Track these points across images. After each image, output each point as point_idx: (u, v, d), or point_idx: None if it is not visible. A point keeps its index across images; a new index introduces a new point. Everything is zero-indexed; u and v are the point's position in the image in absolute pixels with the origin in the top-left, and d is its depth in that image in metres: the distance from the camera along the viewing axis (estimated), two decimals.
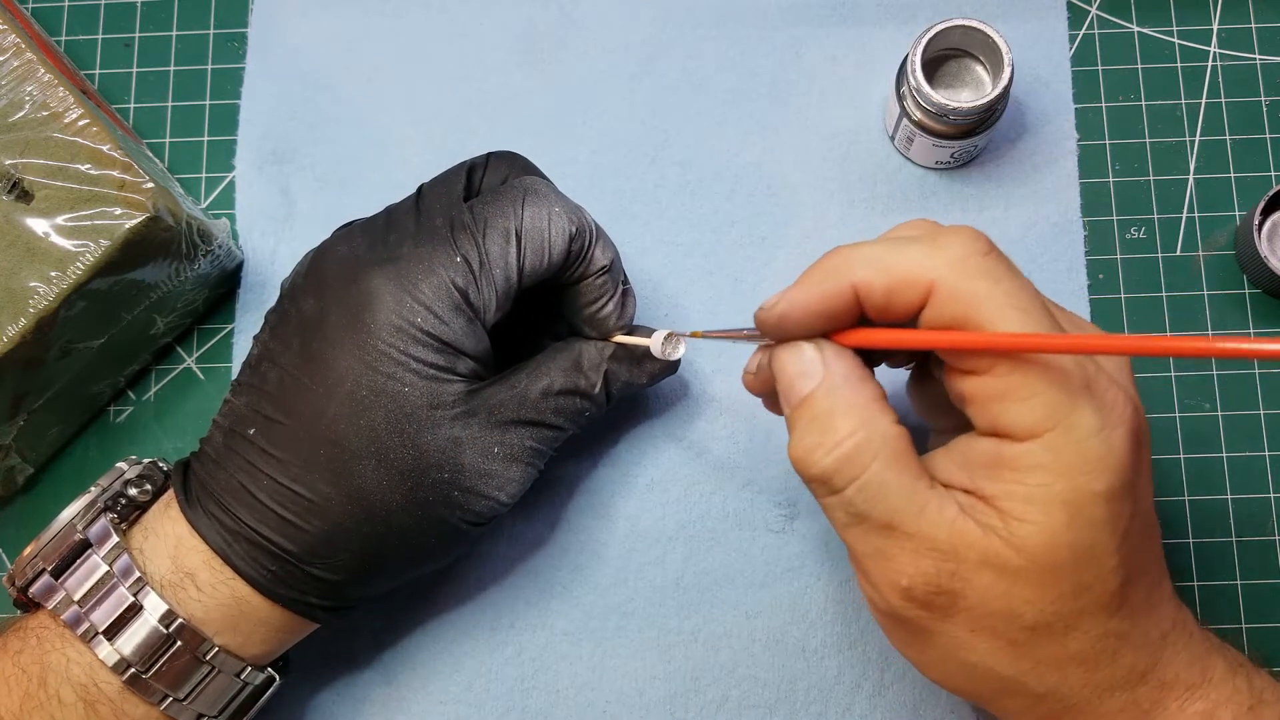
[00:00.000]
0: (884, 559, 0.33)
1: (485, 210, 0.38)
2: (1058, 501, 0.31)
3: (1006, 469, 0.31)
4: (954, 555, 0.32)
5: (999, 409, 0.31)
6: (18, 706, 0.36)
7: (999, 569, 0.31)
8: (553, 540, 0.46)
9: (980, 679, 0.34)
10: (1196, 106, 0.50)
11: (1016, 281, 0.32)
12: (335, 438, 0.36)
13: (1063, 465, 0.31)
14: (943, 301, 0.31)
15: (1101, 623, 0.32)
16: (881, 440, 0.32)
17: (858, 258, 0.33)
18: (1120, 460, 0.31)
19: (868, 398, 0.33)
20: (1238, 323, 0.48)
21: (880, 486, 0.32)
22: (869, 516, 0.32)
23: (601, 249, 0.40)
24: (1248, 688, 0.34)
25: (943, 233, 0.33)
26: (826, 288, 0.33)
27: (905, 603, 0.33)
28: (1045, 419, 0.31)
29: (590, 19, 0.51)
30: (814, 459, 0.33)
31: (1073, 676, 0.33)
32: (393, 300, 0.36)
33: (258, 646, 0.38)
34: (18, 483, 0.47)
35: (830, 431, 0.33)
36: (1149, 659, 0.33)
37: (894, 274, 0.32)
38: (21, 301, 0.41)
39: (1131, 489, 0.31)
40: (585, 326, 0.41)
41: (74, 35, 0.52)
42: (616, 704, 0.45)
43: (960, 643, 0.33)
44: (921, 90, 0.44)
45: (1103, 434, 0.30)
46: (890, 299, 0.32)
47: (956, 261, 0.31)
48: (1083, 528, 0.31)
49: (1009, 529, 0.31)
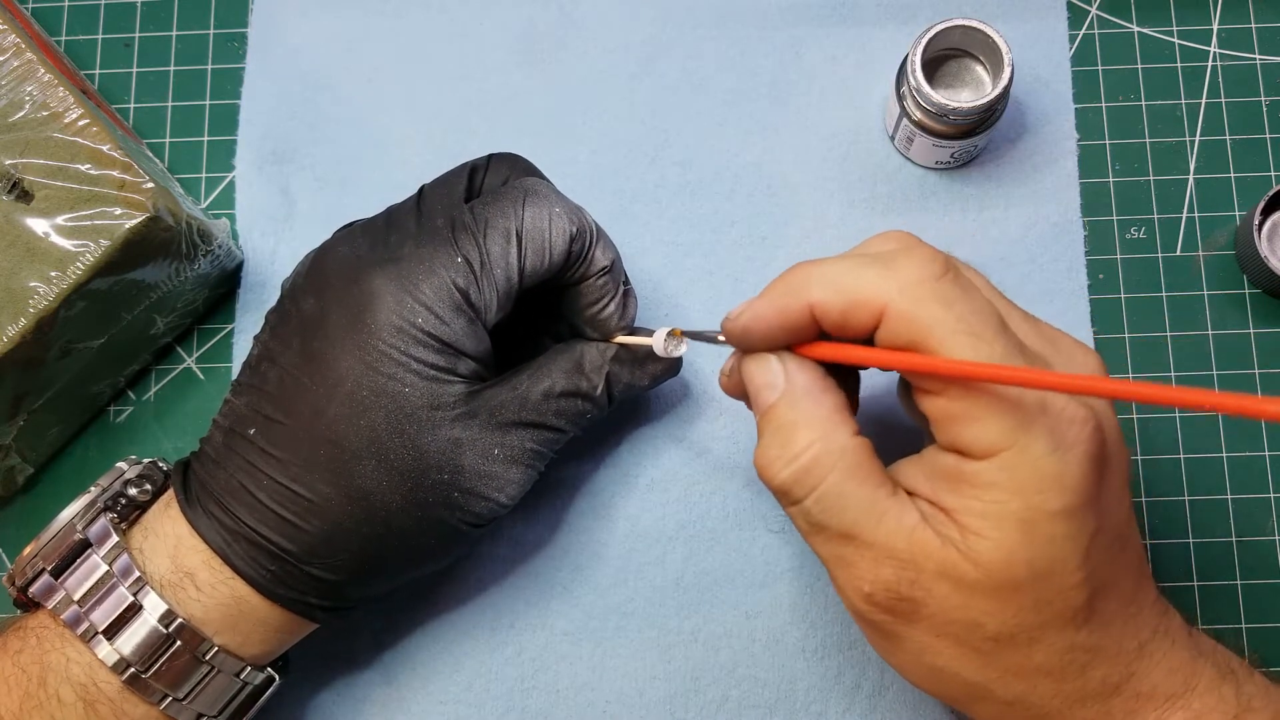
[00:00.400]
0: (845, 566, 0.34)
1: (486, 211, 0.38)
2: (1013, 519, 0.31)
3: (965, 484, 0.32)
4: (913, 565, 0.32)
5: (956, 429, 0.32)
6: (17, 706, 0.36)
7: (956, 581, 0.32)
8: (553, 540, 0.46)
9: (949, 683, 0.34)
10: (1196, 106, 0.50)
11: (970, 304, 0.32)
12: (335, 438, 0.36)
13: (1017, 484, 0.31)
14: (894, 325, 0.32)
15: (1067, 636, 0.33)
16: (840, 452, 0.33)
17: (815, 277, 0.33)
18: (1076, 479, 0.31)
19: (829, 409, 0.34)
20: (1238, 323, 0.48)
21: (838, 497, 0.33)
22: (827, 526, 0.33)
23: (602, 249, 0.40)
24: (1235, 696, 0.34)
25: (901, 254, 0.33)
26: (785, 304, 0.34)
27: (869, 607, 0.34)
28: (999, 440, 0.31)
29: (590, 19, 0.51)
30: (774, 470, 0.34)
31: (1041, 686, 0.33)
32: (393, 300, 0.36)
33: (257, 646, 0.38)
34: (18, 483, 0.47)
35: (790, 444, 0.33)
36: (1123, 670, 0.33)
37: (847, 295, 0.32)
38: (21, 301, 0.41)
39: (1092, 506, 0.32)
40: (587, 327, 0.41)
41: (74, 35, 0.52)
42: (616, 704, 0.45)
43: (926, 647, 0.34)
44: (921, 90, 0.44)
45: (1057, 454, 0.31)
46: (845, 319, 0.33)
47: (909, 286, 0.32)
48: (1039, 545, 0.31)
49: (967, 543, 0.32)
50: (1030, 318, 0.35)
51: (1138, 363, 0.48)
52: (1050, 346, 0.34)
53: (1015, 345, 0.32)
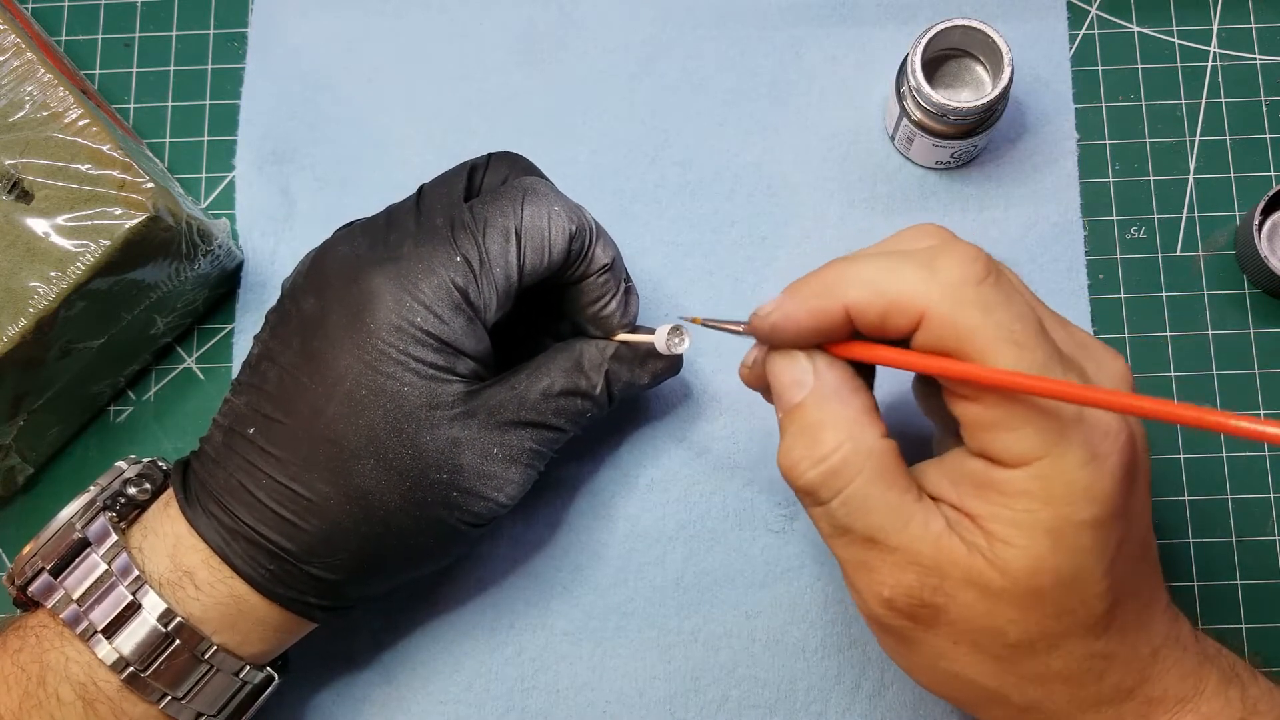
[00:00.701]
0: (867, 570, 0.33)
1: (485, 210, 0.38)
2: (1042, 528, 0.31)
3: (994, 491, 0.31)
4: (937, 571, 0.32)
5: (989, 436, 0.31)
6: (16, 705, 0.36)
7: (982, 588, 0.32)
8: (553, 540, 0.46)
9: (964, 688, 0.34)
10: (1196, 106, 0.50)
11: (1012, 310, 0.31)
12: (334, 437, 0.36)
13: (1049, 494, 0.31)
14: (934, 330, 0.31)
15: (1087, 644, 0.32)
16: (867, 454, 0.32)
17: (853, 277, 0.32)
18: (1108, 490, 0.31)
19: (857, 410, 0.33)
20: (1238, 323, 0.48)
21: (864, 500, 0.32)
22: (852, 529, 0.33)
23: (602, 247, 0.40)
24: (1240, 700, 0.34)
25: (941, 254, 0.32)
26: (819, 305, 0.33)
27: (888, 612, 0.33)
28: (1034, 449, 0.31)
29: (590, 19, 0.51)
30: (800, 471, 0.33)
31: (1057, 693, 0.33)
32: (393, 300, 0.36)
33: (256, 645, 0.38)
34: (18, 483, 0.47)
35: (817, 444, 0.33)
36: (1137, 676, 0.33)
37: (887, 298, 0.32)
38: (21, 301, 0.41)
39: (1120, 517, 0.31)
40: (589, 325, 0.41)
41: (74, 35, 0.52)
42: (616, 704, 0.45)
43: (943, 653, 0.33)
44: (921, 90, 0.44)
45: (1091, 465, 0.30)
46: (883, 321, 0.32)
47: (950, 290, 0.31)
48: (1067, 554, 0.31)
49: (993, 550, 0.31)
50: (1062, 320, 0.34)
51: (1138, 363, 0.48)
52: (1083, 352, 0.33)
53: (1055, 353, 0.31)
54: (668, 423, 0.47)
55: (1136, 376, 0.47)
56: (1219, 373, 0.47)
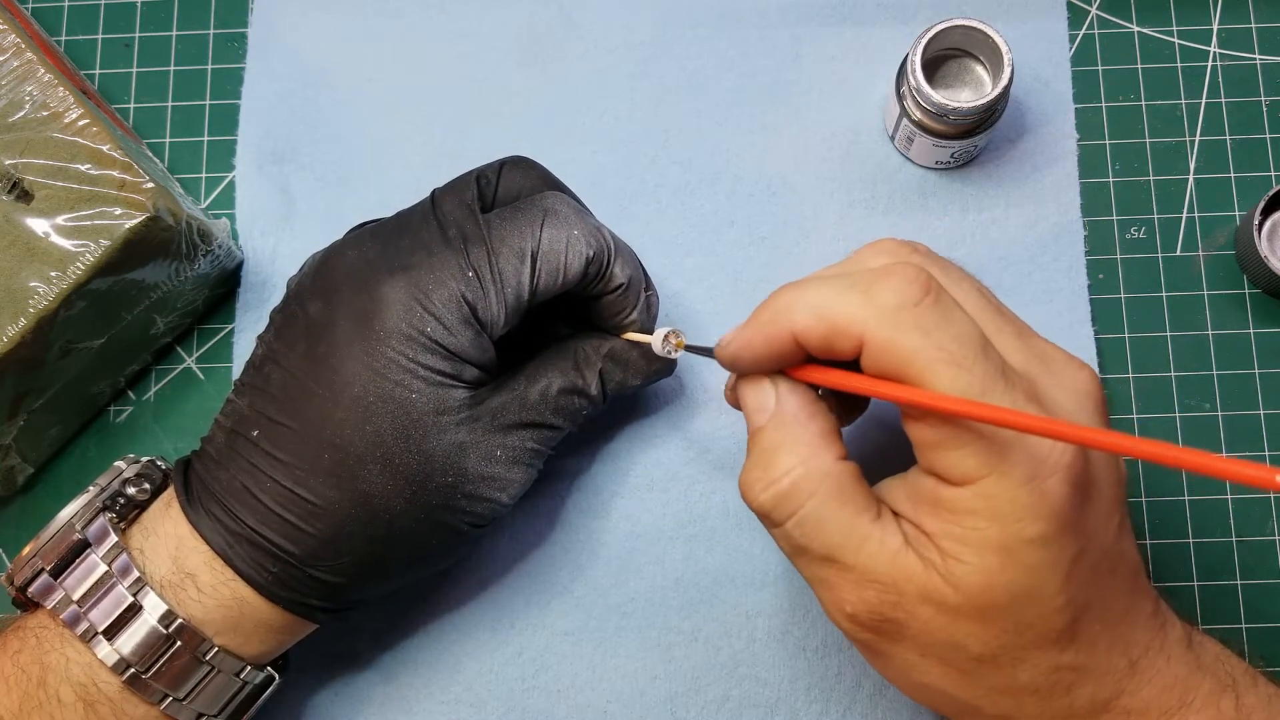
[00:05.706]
0: (828, 587, 0.34)
1: (504, 227, 0.38)
2: (991, 546, 0.31)
3: (945, 509, 0.32)
4: (895, 588, 0.33)
5: (936, 455, 0.32)
6: (17, 706, 0.36)
7: (938, 604, 0.32)
8: (553, 540, 0.46)
9: (937, 698, 0.35)
10: (1196, 106, 0.50)
11: (950, 330, 0.31)
12: (340, 442, 0.36)
13: (994, 511, 0.31)
14: (874, 353, 0.32)
15: (1051, 657, 0.33)
16: (821, 477, 0.33)
17: (798, 303, 0.33)
18: (1054, 507, 0.31)
19: (814, 434, 0.34)
20: (1238, 323, 0.48)
21: (817, 522, 0.33)
22: (809, 549, 0.34)
23: (620, 266, 0.40)
24: (1234, 709, 0.34)
25: (880, 277, 0.32)
26: (771, 332, 0.34)
27: (853, 626, 0.34)
28: (977, 468, 0.31)
29: (590, 19, 0.51)
30: (754, 493, 0.34)
31: (1027, 705, 0.33)
32: (403, 309, 0.36)
33: (257, 646, 0.38)
34: (18, 483, 0.47)
35: (771, 467, 0.34)
36: (1112, 688, 0.33)
37: (828, 323, 0.32)
38: (21, 301, 0.41)
39: (1072, 531, 0.31)
40: (610, 331, 0.42)
41: (74, 35, 0.52)
42: (616, 704, 0.45)
43: (913, 665, 0.34)
44: (921, 90, 0.44)
45: (1034, 483, 0.31)
46: (829, 345, 0.33)
47: (886, 313, 0.31)
48: (1018, 571, 0.31)
49: (947, 566, 0.32)
50: (1024, 332, 0.34)
51: (1138, 363, 0.48)
52: (1040, 364, 0.33)
53: (997, 371, 0.31)
54: (668, 422, 0.47)
55: (1137, 376, 0.48)
56: (1219, 373, 0.47)
